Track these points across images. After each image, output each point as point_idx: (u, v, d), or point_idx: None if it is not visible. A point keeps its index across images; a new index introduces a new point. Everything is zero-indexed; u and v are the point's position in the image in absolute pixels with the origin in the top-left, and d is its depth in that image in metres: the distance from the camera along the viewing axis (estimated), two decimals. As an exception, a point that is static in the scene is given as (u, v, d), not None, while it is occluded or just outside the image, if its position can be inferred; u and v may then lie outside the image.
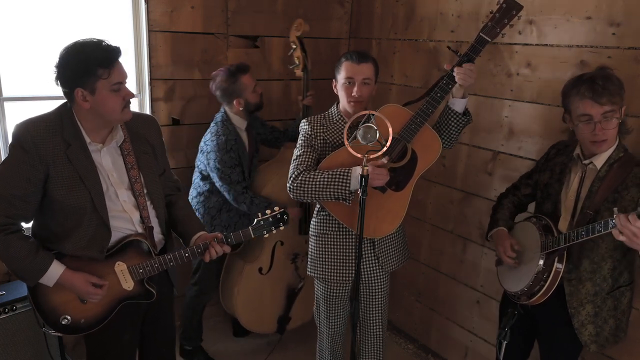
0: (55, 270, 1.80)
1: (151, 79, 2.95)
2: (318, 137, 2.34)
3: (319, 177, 2.17)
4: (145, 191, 1.95)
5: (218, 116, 2.90)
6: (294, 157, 2.33)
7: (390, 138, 1.98)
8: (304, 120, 2.38)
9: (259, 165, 3.12)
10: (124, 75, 1.79)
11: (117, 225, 1.89)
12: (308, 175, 2.20)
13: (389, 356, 3.05)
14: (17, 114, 2.69)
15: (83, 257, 1.85)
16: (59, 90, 2.76)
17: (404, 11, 3.17)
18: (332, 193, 2.14)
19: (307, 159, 2.32)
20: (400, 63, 3.24)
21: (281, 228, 2.07)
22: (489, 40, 2.03)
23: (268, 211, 2.05)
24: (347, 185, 2.10)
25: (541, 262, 1.96)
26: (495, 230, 2.20)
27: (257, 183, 3.03)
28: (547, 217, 2.03)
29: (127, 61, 2.92)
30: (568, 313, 1.97)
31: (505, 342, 1.97)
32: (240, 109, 2.84)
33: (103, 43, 1.75)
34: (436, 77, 3.00)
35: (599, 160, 1.91)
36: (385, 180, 2.09)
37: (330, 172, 2.15)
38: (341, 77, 2.27)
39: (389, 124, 2.00)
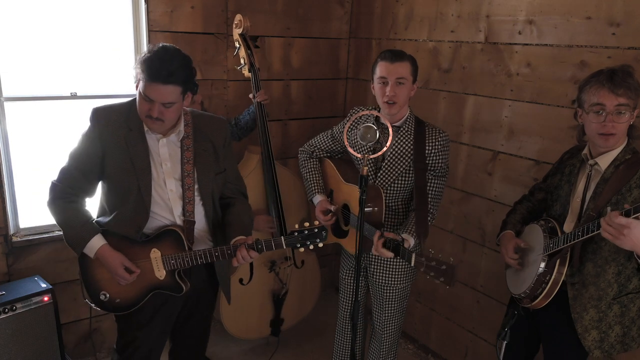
0: (96, 243, 1.95)
1: (151, 79, 2.95)
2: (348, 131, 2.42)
3: (306, 169, 2.56)
4: (196, 186, 2.03)
5: None
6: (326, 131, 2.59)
7: (390, 139, 1.98)
8: (356, 107, 2.48)
9: None
10: (158, 97, 1.84)
11: (156, 212, 2.00)
12: (304, 160, 2.59)
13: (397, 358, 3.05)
14: (17, 114, 2.70)
15: (124, 237, 1.98)
16: (59, 90, 2.79)
17: (404, 11, 3.17)
18: (305, 187, 2.57)
19: (321, 143, 2.59)
20: (400, 63, 3.23)
21: (319, 245, 1.98)
22: (416, 266, 1.95)
23: (306, 224, 1.98)
24: (310, 197, 2.53)
25: (543, 264, 1.94)
26: (502, 233, 2.19)
27: None
28: (556, 219, 2.01)
29: (127, 61, 2.94)
30: (572, 318, 1.94)
31: (505, 342, 1.96)
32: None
33: (167, 62, 1.82)
34: (436, 77, 3.02)
35: (605, 161, 1.87)
36: (326, 224, 2.38)
37: (311, 176, 2.52)
38: (376, 76, 2.24)
39: (389, 125, 1.99)
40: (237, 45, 2.89)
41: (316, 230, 1.96)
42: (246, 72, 2.87)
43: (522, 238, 2.13)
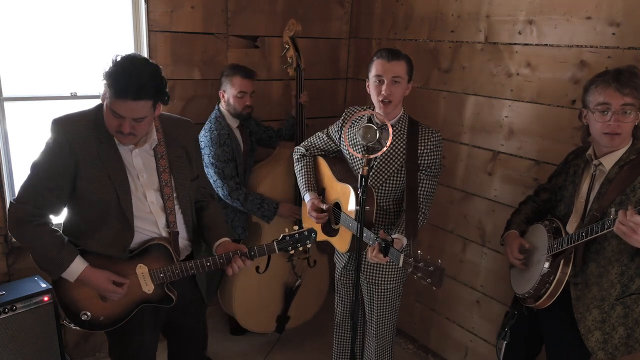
0: (77, 267, 1.82)
1: (151, 79, 2.95)
2: (342, 130, 2.45)
3: (299, 166, 2.59)
4: (174, 195, 1.95)
5: (212, 114, 2.95)
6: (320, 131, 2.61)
7: (389, 139, 1.98)
8: (351, 107, 2.48)
9: (254, 165, 3.13)
10: (128, 113, 1.72)
11: (141, 226, 1.90)
12: (298, 158, 2.61)
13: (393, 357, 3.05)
14: (17, 114, 2.70)
15: (106, 255, 1.87)
16: (59, 90, 2.79)
17: (404, 11, 3.17)
18: (299, 185, 2.58)
19: (316, 143, 2.59)
20: (400, 63, 3.23)
21: (308, 246, 2.02)
22: (404, 266, 1.93)
23: (295, 227, 2.01)
24: (302, 195, 2.55)
25: (547, 264, 1.94)
26: (506, 233, 2.19)
27: (251, 182, 3.05)
28: (560, 219, 2.01)
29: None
30: (574, 318, 1.93)
31: (505, 342, 1.97)
32: (223, 100, 2.91)
33: (135, 76, 1.69)
34: (436, 77, 3.01)
35: (609, 161, 1.87)
36: (318, 221, 2.44)
37: (303, 174, 2.54)
38: (371, 75, 2.24)
39: (389, 125, 1.99)
40: (287, 47, 3.08)
41: (306, 232, 2.01)
42: (292, 71, 3.08)
43: (527, 238, 2.13)
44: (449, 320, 3.16)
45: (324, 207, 2.41)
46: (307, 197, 2.50)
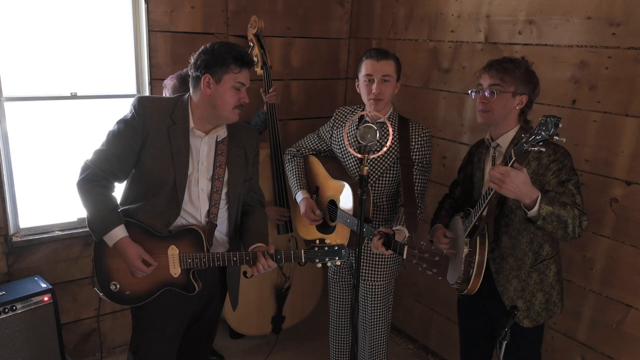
0: (118, 233, 1.94)
1: (151, 79, 2.95)
2: (333, 130, 2.49)
3: (289, 167, 2.61)
4: (224, 190, 2.04)
5: None
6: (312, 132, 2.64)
7: (390, 139, 1.98)
8: (341, 108, 2.56)
9: None
10: (247, 81, 1.95)
11: (185, 208, 2.00)
12: (289, 159, 2.63)
13: (389, 356, 3.05)
14: (17, 114, 2.70)
15: (147, 230, 1.97)
16: (59, 90, 2.79)
17: (404, 11, 3.17)
18: (290, 185, 2.61)
19: (308, 144, 2.63)
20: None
21: (337, 263, 2.00)
22: (408, 258, 2.01)
23: (328, 240, 2.01)
24: (293, 194, 2.58)
25: (466, 246, 2.03)
26: (433, 228, 2.26)
27: None
28: (472, 205, 2.09)
29: (127, 61, 2.94)
30: (498, 292, 2.04)
31: (505, 342, 1.97)
32: None
33: (240, 48, 1.95)
34: (436, 77, 3.01)
35: (504, 141, 2.01)
36: (313, 223, 2.49)
37: (294, 174, 2.57)
38: (361, 74, 2.29)
39: (389, 125, 2.00)
40: (251, 45, 3.00)
41: (336, 248, 1.98)
42: (259, 70, 2.99)
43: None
44: (449, 320, 3.16)
45: (318, 212, 2.44)
46: (299, 196, 2.52)
